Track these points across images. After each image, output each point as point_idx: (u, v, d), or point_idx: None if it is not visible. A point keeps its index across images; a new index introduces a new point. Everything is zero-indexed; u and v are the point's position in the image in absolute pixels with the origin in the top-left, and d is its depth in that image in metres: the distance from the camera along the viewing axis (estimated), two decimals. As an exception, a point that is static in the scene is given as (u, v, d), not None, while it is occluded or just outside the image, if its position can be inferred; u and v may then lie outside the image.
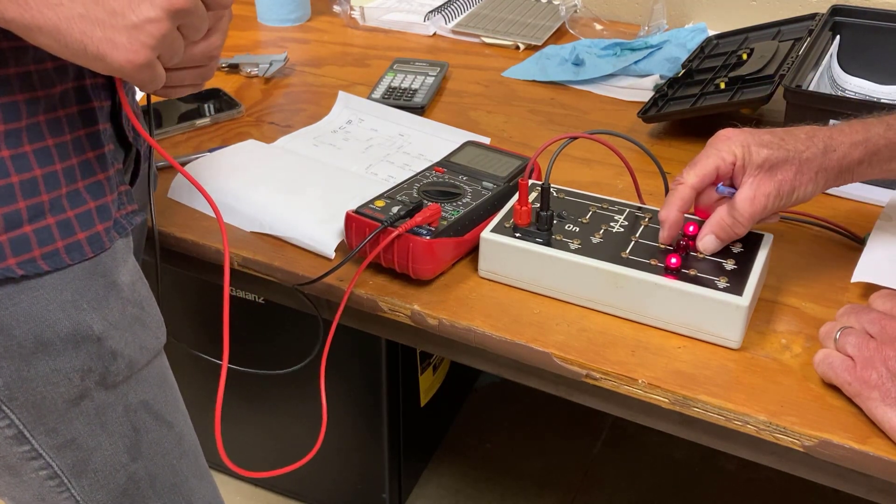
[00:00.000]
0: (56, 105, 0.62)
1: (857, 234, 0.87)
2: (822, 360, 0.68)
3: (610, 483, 1.63)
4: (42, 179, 0.61)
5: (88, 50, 0.55)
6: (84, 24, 0.54)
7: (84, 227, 0.64)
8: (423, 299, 0.78)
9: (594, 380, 0.72)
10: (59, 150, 0.63)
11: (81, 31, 0.54)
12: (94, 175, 0.65)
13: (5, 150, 0.59)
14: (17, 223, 0.60)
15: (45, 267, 0.62)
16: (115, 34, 0.54)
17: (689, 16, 1.46)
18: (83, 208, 0.64)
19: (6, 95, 0.59)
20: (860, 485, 0.68)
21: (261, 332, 1.35)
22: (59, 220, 0.63)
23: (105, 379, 0.68)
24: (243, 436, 1.51)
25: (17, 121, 0.60)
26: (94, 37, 0.54)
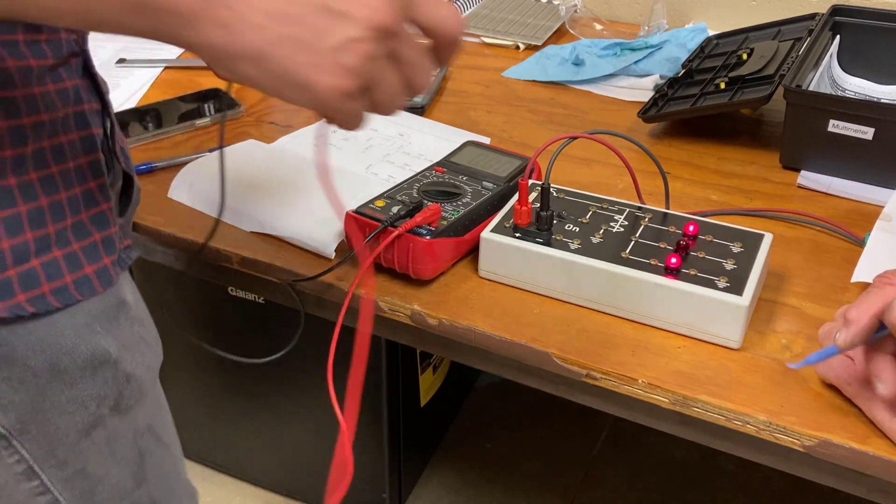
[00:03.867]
0: (59, 130, 0.60)
1: (857, 235, 0.87)
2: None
3: (610, 483, 1.63)
4: (48, 209, 0.58)
5: (293, 77, 0.49)
6: (289, 47, 0.48)
7: (91, 261, 0.62)
8: (423, 299, 0.78)
9: (594, 380, 0.72)
10: (62, 178, 0.60)
11: (286, 56, 0.49)
12: (97, 205, 0.63)
13: (12, 177, 0.57)
14: (24, 256, 0.57)
15: (55, 303, 0.59)
16: (320, 57, 0.49)
17: (689, 16, 1.46)
18: (89, 240, 0.62)
19: (13, 119, 0.56)
20: (860, 485, 0.68)
21: (261, 331, 1.35)
22: (66, 254, 0.60)
23: (119, 404, 0.66)
24: (244, 436, 1.51)
25: (22, 146, 0.57)
26: (299, 61, 0.49)
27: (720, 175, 1.00)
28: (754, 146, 1.07)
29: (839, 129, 0.95)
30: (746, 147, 1.07)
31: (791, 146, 1.00)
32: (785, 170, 1.01)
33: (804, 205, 0.94)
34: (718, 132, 1.10)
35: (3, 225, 0.56)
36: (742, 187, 0.98)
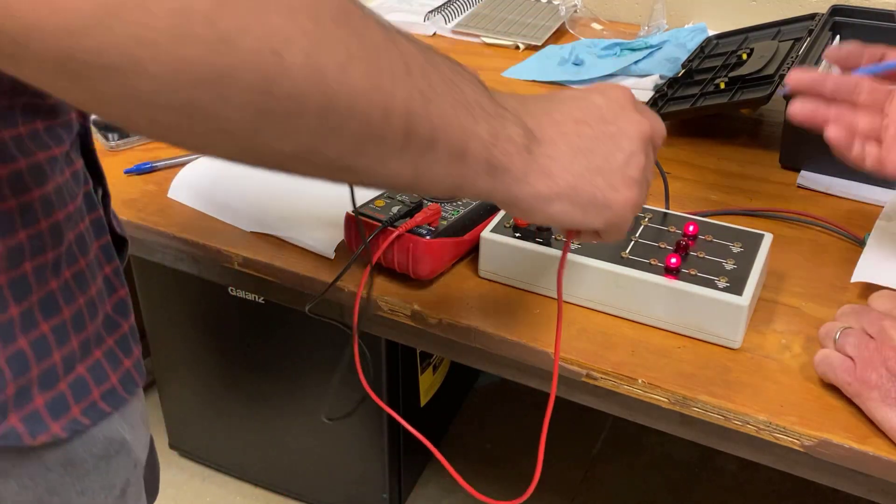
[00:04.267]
0: (77, 219, 0.55)
1: (857, 235, 0.87)
2: (822, 360, 0.68)
3: (610, 483, 1.63)
4: (86, 308, 0.54)
5: (597, 201, 0.53)
6: (590, 177, 0.53)
7: (126, 354, 0.58)
8: (423, 299, 0.78)
9: (594, 380, 0.72)
10: (89, 273, 0.55)
11: (590, 183, 0.53)
12: (115, 292, 0.58)
13: (53, 280, 0.52)
14: (72, 363, 0.53)
15: (107, 409, 0.55)
16: (613, 177, 0.54)
17: (689, 16, 1.46)
18: (119, 332, 0.58)
19: (32, 226, 0.50)
20: (860, 485, 0.68)
21: (261, 331, 1.35)
22: (105, 351, 0.56)
23: (124, 492, 0.60)
24: (244, 436, 1.51)
25: (58, 245, 0.52)
26: (598, 186, 0.53)
27: (720, 175, 1.00)
28: (754, 146, 1.07)
29: (839, 129, 0.95)
30: (746, 147, 1.07)
31: (791, 146, 1.00)
32: (785, 170, 1.01)
33: (804, 205, 0.94)
34: (718, 132, 1.10)
35: (54, 335, 0.52)
36: (742, 187, 0.98)
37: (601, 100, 0.56)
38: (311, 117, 0.39)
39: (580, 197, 0.53)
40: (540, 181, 0.51)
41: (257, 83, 0.36)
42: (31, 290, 0.50)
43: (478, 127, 0.47)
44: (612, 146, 0.54)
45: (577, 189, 0.52)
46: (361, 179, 0.46)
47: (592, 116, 0.55)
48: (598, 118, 0.55)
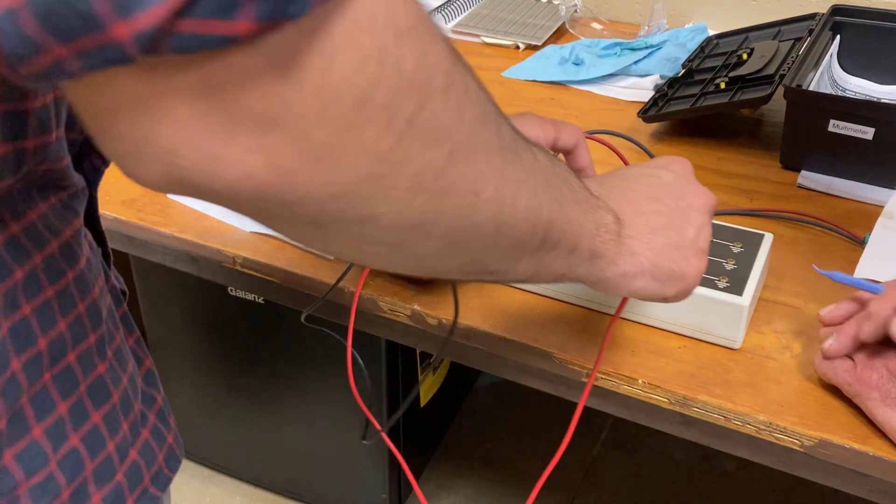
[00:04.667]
0: (105, 292, 0.53)
1: (858, 234, 0.87)
2: (822, 360, 0.68)
3: (610, 483, 1.63)
4: (131, 384, 0.53)
5: (674, 274, 0.56)
6: (668, 252, 0.55)
7: (160, 445, 0.56)
8: (423, 299, 0.78)
9: (594, 380, 0.72)
10: (128, 350, 0.54)
11: (668, 258, 0.55)
12: (143, 364, 0.57)
13: (120, 365, 0.51)
14: (125, 448, 0.51)
15: (157, 493, 0.54)
16: (686, 250, 0.57)
17: (690, 15, 1.46)
18: (158, 395, 0.56)
19: (71, 311, 0.48)
20: (860, 485, 0.68)
21: (261, 331, 1.35)
22: (152, 428, 0.55)
23: None
24: (244, 436, 1.51)
25: (99, 324, 0.50)
26: (675, 259, 0.56)
27: (720, 175, 1.00)
28: (754, 146, 1.07)
29: (839, 128, 0.95)
30: (746, 147, 1.07)
31: (791, 146, 1.00)
32: (785, 170, 1.01)
33: (804, 205, 0.94)
34: (719, 132, 1.10)
35: (106, 424, 0.50)
36: (742, 187, 0.97)
37: (669, 176, 0.59)
38: (484, 240, 0.42)
39: (660, 272, 0.55)
40: (626, 261, 0.54)
41: (457, 220, 0.39)
42: (78, 380, 0.48)
43: (586, 220, 0.50)
44: (684, 221, 0.57)
45: (658, 265, 0.55)
46: (490, 279, 0.49)
47: (664, 193, 0.58)
48: (668, 194, 0.58)
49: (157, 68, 0.29)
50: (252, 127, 0.30)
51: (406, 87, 0.33)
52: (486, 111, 0.39)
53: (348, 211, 0.35)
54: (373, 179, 0.34)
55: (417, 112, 0.34)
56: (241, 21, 0.28)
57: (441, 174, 0.36)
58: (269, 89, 0.30)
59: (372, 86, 0.32)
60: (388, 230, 0.37)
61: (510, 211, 0.41)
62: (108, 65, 0.28)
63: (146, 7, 0.26)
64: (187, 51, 0.28)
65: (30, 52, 0.28)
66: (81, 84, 0.30)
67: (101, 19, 0.26)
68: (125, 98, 0.30)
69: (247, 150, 0.31)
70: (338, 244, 0.39)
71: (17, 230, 0.44)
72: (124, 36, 0.27)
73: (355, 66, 0.31)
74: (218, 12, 0.27)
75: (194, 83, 0.29)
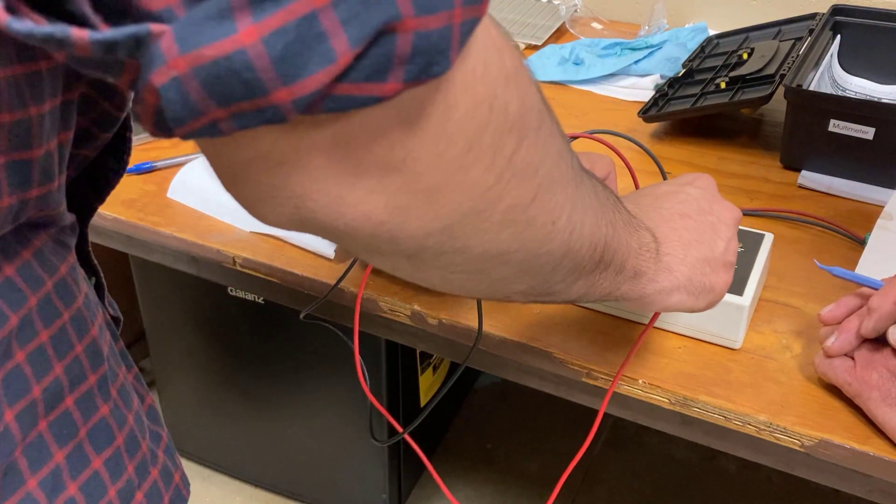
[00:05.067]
0: (105, 328, 0.51)
1: (858, 234, 0.87)
2: (823, 360, 0.68)
3: (610, 483, 1.62)
4: (138, 416, 0.51)
5: (705, 287, 0.57)
6: (700, 266, 0.57)
7: (167, 485, 0.54)
8: (423, 299, 0.78)
9: (594, 380, 0.72)
10: (132, 388, 0.52)
11: (701, 272, 0.57)
12: (143, 399, 0.55)
13: (118, 399, 0.49)
14: (129, 494, 0.49)
15: None
16: (716, 263, 0.58)
17: (690, 15, 1.46)
18: (159, 464, 0.54)
19: (67, 355, 0.46)
20: (860, 485, 0.68)
21: (261, 332, 1.35)
22: (162, 468, 0.53)
23: None
24: (244, 436, 1.51)
25: (101, 364, 0.49)
26: (706, 273, 0.57)
27: (721, 175, 1.00)
28: (755, 146, 1.07)
29: (840, 128, 0.95)
30: (747, 147, 1.07)
31: (792, 146, 1.00)
32: (785, 170, 1.01)
33: (805, 205, 0.94)
34: (719, 132, 1.10)
35: (108, 469, 0.48)
36: (742, 187, 0.97)
37: (696, 191, 0.61)
38: (553, 264, 0.44)
39: (694, 286, 0.57)
40: (664, 277, 0.55)
41: (534, 248, 0.41)
42: (78, 425, 0.45)
43: (631, 240, 0.52)
44: (713, 235, 0.59)
45: (692, 279, 0.56)
46: (545, 300, 0.49)
47: (693, 208, 0.59)
48: (697, 209, 0.59)
49: (299, 125, 0.30)
50: (376, 172, 0.32)
51: (509, 129, 0.35)
52: (563, 144, 0.41)
53: (446, 244, 0.37)
54: (473, 215, 0.36)
55: (516, 150, 0.36)
56: (391, 83, 0.29)
57: (528, 207, 0.38)
58: (396, 139, 0.32)
59: (482, 130, 0.34)
60: (475, 259, 0.39)
61: (577, 236, 0.43)
62: (261, 124, 0.29)
63: (309, 75, 0.28)
64: (337, 110, 0.29)
65: (189, 117, 0.29)
66: (223, 140, 0.31)
67: (265, 86, 0.28)
68: (265, 151, 0.31)
69: (369, 193, 0.33)
70: (424, 272, 0.41)
71: (12, 272, 0.42)
72: (284, 100, 0.28)
73: (470, 112, 0.33)
74: (372, 77, 0.29)
75: (331, 137, 0.31)
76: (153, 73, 0.28)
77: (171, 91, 0.28)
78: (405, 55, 0.29)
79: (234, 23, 0.27)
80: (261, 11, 0.27)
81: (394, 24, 0.28)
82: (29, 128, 0.39)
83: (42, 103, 0.40)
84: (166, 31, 0.27)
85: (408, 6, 0.28)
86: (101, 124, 0.48)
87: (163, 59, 0.27)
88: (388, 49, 0.29)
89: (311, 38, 0.28)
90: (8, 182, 0.39)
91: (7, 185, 0.39)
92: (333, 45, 0.28)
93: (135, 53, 0.28)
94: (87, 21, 0.28)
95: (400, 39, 0.29)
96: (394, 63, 0.29)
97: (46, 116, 0.40)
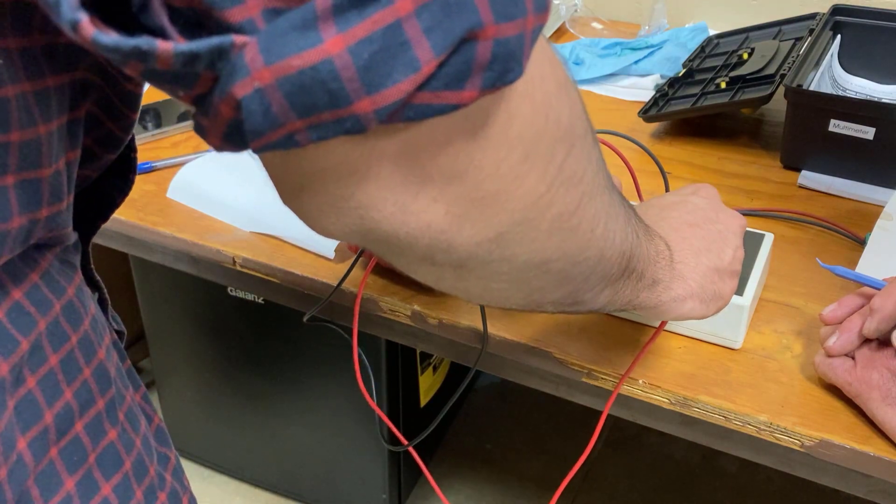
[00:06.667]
0: (111, 349, 0.50)
1: (858, 234, 0.86)
2: (823, 360, 0.68)
3: (610, 483, 1.62)
4: (132, 471, 0.48)
5: (715, 295, 0.58)
6: (710, 274, 0.58)
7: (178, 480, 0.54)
8: (423, 299, 0.78)
9: (594, 380, 0.72)
10: (141, 409, 0.52)
11: (711, 280, 0.58)
12: (152, 421, 0.54)
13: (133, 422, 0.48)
14: None
15: None
16: (724, 272, 0.59)
17: (690, 15, 1.46)
18: (168, 487, 0.52)
19: (76, 378, 0.45)
20: (860, 485, 0.68)
21: (260, 332, 1.35)
22: (170, 492, 0.52)
23: None
24: (244, 436, 1.51)
25: (105, 391, 0.47)
26: (716, 280, 0.58)
27: (721, 175, 1.00)
28: (755, 146, 1.07)
29: (840, 128, 0.95)
30: (747, 147, 1.07)
31: (792, 146, 1.00)
32: (785, 170, 1.01)
33: (805, 205, 0.94)
34: (719, 132, 1.10)
35: (117, 495, 0.46)
36: (743, 187, 0.97)
37: (701, 201, 0.62)
38: (587, 273, 0.44)
39: (705, 293, 0.57)
40: (678, 285, 0.56)
41: (574, 256, 0.41)
42: (87, 451, 0.44)
43: (650, 248, 0.52)
44: (722, 243, 0.59)
45: (703, 287, 0.57)
46: (572, 309, 0.50)
47: (700, 217, 0.60)
48: (705, 218, 0.60)
49: (370, 135, 0.30)
50: (440, 180, 0.33)
51: (561, 137, 0.35)
52: (600, 153, 0.41)
53: (495, 252, 0.37)
54: (524, 223, 0.36)
55: (566, 159, 0.36)
56: (469, 91, 0.29)
57: (573, 214, 0.39)
58: (461, 148, 0.32)
59: (538, 138, 0.34)
60: (518, 269, 0.39)
61: (610, 244, 0.44)
62: (339, 135, 0.29)
63: (393, 84, 0.28)
64: (414, 119, 0.30)
65: (268, 129, 0.28)
66: (295, 152, 0.31)
67: (350, 96, 0.28)
68: (336, 162, 0.31)
69: (432, 201, 0.33)
70: (467, 282, 0.41)
71: (20, 296, 0.41)
72: (366, 110, 0.28)
73: (529, 121, 0.33)
74: (451, 84, 0.29)
75: (400, 146, 0.31)
76: (235, 85, 0.27)
77: (253, 102, 0.28)
78: (484, 62, 0.29)
79: (319, 33, 0.27)
80: (345, 21, 0.27)
81: (476, 31, 0.28)
82: (39, 146, 0.39)
83: (50, 121, 0.39)
84: (250, 43, 0.27)
85: (489, 14, 0.28)
86: (104, 144, 0.47)
87: (246, 71, 0.27)
88: (469, 57, 0.29)
89: (395, 47, 0.27)
90: (18, 202, 0.39)
91: (18, 204, 0.38)
92: (417, 54, 0.28)
93: (215, 65, 0.28)
94: (164, 33, 0.27)
95: (480, 47, 0.29)
96: (473, 71, 0.29)
97: (55, 134, 0.40)
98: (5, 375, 0.39)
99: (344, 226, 0.34)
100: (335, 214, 0.34)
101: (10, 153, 0.37)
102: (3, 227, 0.38)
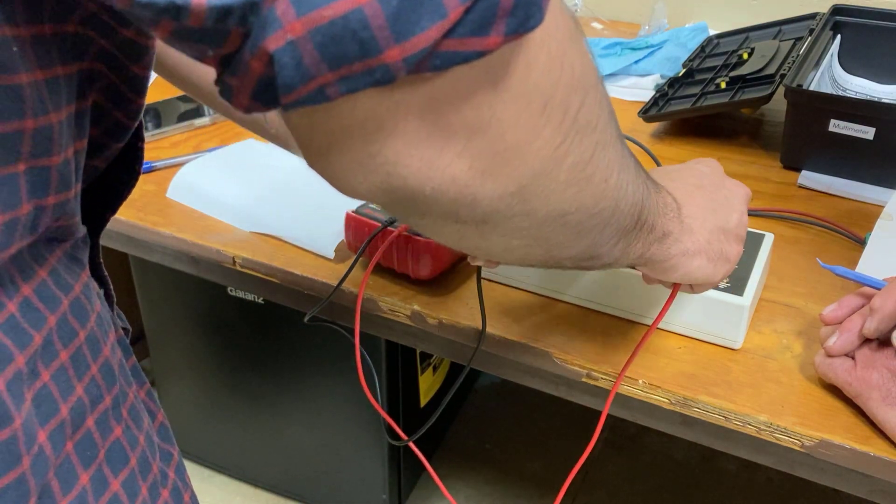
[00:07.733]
0: (116, 346, 0.50)
1: (859, 234, 0.86)
2: (823, 360, 0.68)
3: (610, 483, 1.62)
4: (137, 468, 0.48)
5: (723, 254, 0.58)
6: (717, 233, 0.58)
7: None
8: (423, 299, 0.78)
9: (594, 380, 0.72)
10: (145, 410, 0.51)
11: (718, 239, 0.58)
12: (157, 418, 0.53)
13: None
14: None
15: None
16: (731, 233, 0.59)
17: (690, 15, 1.46)
18: (170, 484, 0.52)
19: (85, 374, 0.45)
20: (860, 485, 0.68)
21: (260, 331, 1.35)
22: (172, 491, 0.52)
23: None
24: (244, 436, 1.51)
25: (111, 387, 0.47)
26: (723, 241, 0.58)
27: (721, 175, 1.00)
28: (755, 146, 1.07)
29: (840, 128, 0.95)
30: (747, 147, 1.07)
31: (792, 146, 1.00)
32: (786, 169, 1.01)
33: (805, 205, 0.94)
34: (719, 132, 1.10)
35: (125, 491, 0.46)
36: (742, 187, 0.97)
37: (706, 168, 0.62)
38: (602, 225, 0.44)
39: (713, 251, 0.57)
40: (688, 238, 0.56)
41: (590, 208, 0.42)
42: (98, 447, 0.44)
43: (659, 200, 0.52)
44: (728, 207, 0.60)
45: (711, 244, 0.57)
46: (587, 265, 0.50)
47: (706, 182, 0.60)
48: (711, 183, 0.61)
49: (396, 88, 0.31)
50: (464, 134, 0.33)
51: (575, 86, 0.35)
52: (610, 103, 0.41)
53: (516, 207, 0.37)
54: (543, 175, 0.37)
55: (580, 108, 0.36)
56: (493, 37, 0.30)
57: (587, 164, 0.39)
58: (483, 99, 0.32)
59: (555, 87, 0.34)
60: (539, 223, 0.40)
61: (623, 194, 0.44)
62: (368, 86, 0.29)
63: (421, 31, 0.28)
64: (440, 68, 0.30)
65: (300, 82, 0.29)
66: (324, 107, 0.31)
67: (379, 44, 0.28)
68: (364, 117, 0.31)
69: (456, 156, 0.33)
70: (490, 240, 0.41)
71: (29, 292, 0.41)
72: (395, 58, 0.28)
73: (546, 70, 0.33)
74: (476, 31, 0.29)
75: (425, 100, 0.31)
76: (268, 39, 0.28)
77: (285, 55, 0.28)
78: (508, 8, 0.29)
79: None
80: None
81: None
82: (51, 134, 0.39)
83: (60, 110, 0.39)
84: None
85: None
86: (112, 134, 0.47)
87: (278, 23, 0.27)
88: (493, 3, 0.29)
89: None
90: (27, 189, 0.39)
91: (26, 191, 0.39)
92: (444, 1, 0.28)
93: (246, 20, 0.28)
94: None
95: None
96: (497, 16, 0.29)
97: (64, 123, 0.40)
98: (22, 367, 0.39)
99: (371, 184, 0.34)
100: (362, 173, 0.34)
101: (24, 140, 0.37)
102: (14, 213, 0.38)
